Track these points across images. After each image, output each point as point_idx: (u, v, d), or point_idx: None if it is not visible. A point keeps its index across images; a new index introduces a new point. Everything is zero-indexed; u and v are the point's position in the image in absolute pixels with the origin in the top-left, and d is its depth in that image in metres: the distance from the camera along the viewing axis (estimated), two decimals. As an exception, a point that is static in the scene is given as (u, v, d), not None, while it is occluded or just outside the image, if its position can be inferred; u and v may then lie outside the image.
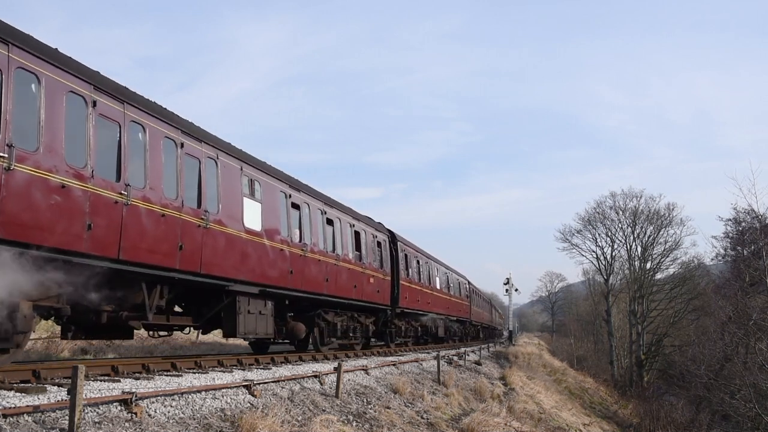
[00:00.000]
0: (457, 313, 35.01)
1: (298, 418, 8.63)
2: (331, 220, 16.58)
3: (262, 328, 12.94)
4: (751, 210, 34.37)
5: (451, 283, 34.34)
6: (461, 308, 36.92)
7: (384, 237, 21.50)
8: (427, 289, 26.88)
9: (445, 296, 31.40)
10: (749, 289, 32.74)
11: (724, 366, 30.71)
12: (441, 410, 12.76)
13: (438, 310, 29.14)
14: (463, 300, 38.00)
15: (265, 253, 12.78)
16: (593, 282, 70.59)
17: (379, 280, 20.13)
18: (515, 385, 21.30)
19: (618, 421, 33.28)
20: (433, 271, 28.95)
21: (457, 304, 35.13)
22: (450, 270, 34.60)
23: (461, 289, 38.03)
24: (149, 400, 7.12)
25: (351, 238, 18.00)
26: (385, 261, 20.97)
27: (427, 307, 26.51)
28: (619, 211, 57.09)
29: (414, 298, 24.19)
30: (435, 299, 28.30)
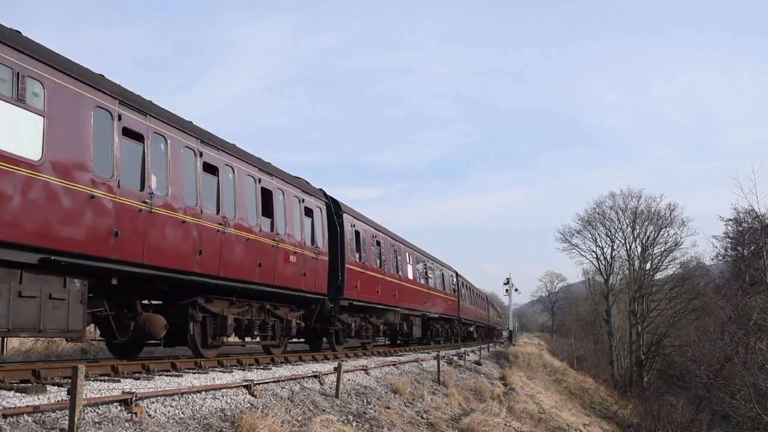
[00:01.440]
0: (440, 309, 30.07)
1: (298, 418, 8.63)
2: (214, 166, 11.67)
3: (53, 322, 8.22)
4: (751, 210, 34.43)
5: (432, 275, 29.58)
6: (446, 304, 31.96)
7: (320, 205, 16.51)
8: (392, 278, 21.79)
9: (421, 289, 26.59)
10: (749, 289, 32.76)
11: (724, 366, 30.72)
12: (441, 410, 12.77)
13: (412, 305, 24.29)
14: (449, 295, 33.07)
15: (51, 197, 8.08)
16: (593, 282, 70.65)
17: (308, 261, 15.11)
18: (515, 385, 21.31)
19: (618, 421, 33.31)
20: (404, 258, 24.21)
21: (439, 299, 30.23)
22: (430, 259, 29.86)
23: (446, 282, 32.91)
24: (149, 400, 7.12)
25: (254, 197, 13.01)
26: (319, 236, 16.01)
27: (393, 300, 21.66)
28: (619, 211, 57.23)
29: (370, 287, 19.36)
30: (406, 292, 23.62)
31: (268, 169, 13.84)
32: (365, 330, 19.78)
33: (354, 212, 19.03)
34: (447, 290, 32.64)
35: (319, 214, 16.34)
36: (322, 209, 16.64)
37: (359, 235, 18.96)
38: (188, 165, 11.02)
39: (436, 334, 30.69)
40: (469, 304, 40.85)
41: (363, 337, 19.76)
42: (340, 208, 17.75)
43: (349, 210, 18.51)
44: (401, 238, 24.60)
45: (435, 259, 31.34)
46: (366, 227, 19.85)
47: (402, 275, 23.38)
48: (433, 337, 30.09)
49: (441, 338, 32.27)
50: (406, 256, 24.73)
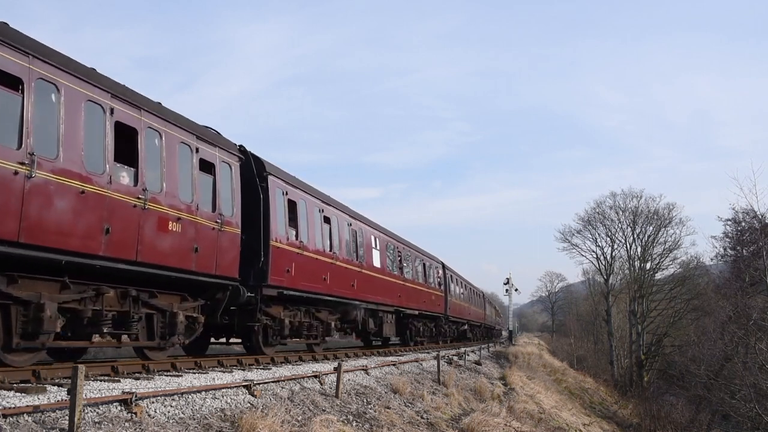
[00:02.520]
0: (421, 305, 26.03)
1: (298, 418, 8.63)
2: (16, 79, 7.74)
3: None
4: (750, 210, 34.43)
5: (409, 265, 25.40)
6: (430, 300, 27.90)
7: (229, 160, 12.30)
8: (347, 264, 17.76)
9: (393, 280, 22.44)
10: (749, 289, 32.77)
11: (724, 366, 30.72)
12: (441, 410, 12.77)
13: (380, 298, 20.39)
14: (434, 289, 29.03)
15: None
16: (593, 282, 70.63)
17: (204, 232, 11.12)
18: (515, 385, 21.30)
19: (618, 421, 33.30)
20: (368, 242, 20.01)
21: (420, 293, 26.22)
22: (407, 246, 25.69)
23: (429, 274, 28.77)
24: (149, 400, 7.12)
25: (103, 135, 9.12)
26: (226, 201, 11.99)
27: (350, 292, 17.85)
28: (618, 211, 57.22)
29: (313, 274, 15.45)
30: (370, 282, 19.61)
31: (132, 99, 9.76)
32: (309, 328, 15.84)
33: (289, 178, 15.05)
34: (431, 283, 28.72)
35: (228, 174, 12.23)
36: (233, 167, 12.43)
37: (296, 207, 14.94)
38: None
39: (417, 333, 26.51)
40: (460, 301, 36.72)
41: (307, 336, 15.92)
42: (265, 169, 13.60)
43: (279, 173, 14.44)
44: (365, 218, 20.38)
45: (414, 247, 27.03)
46: (308, 198, 15.77)
47: (364, 262, 19.25)
48: (413, 338, 25.82)
49: (424, 338, 27.91)
50: (372, 240, 20.45)
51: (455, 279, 36.12)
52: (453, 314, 33.68)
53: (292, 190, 14.93)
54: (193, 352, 13.57)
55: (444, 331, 32.43)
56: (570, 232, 60.38)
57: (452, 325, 35.19)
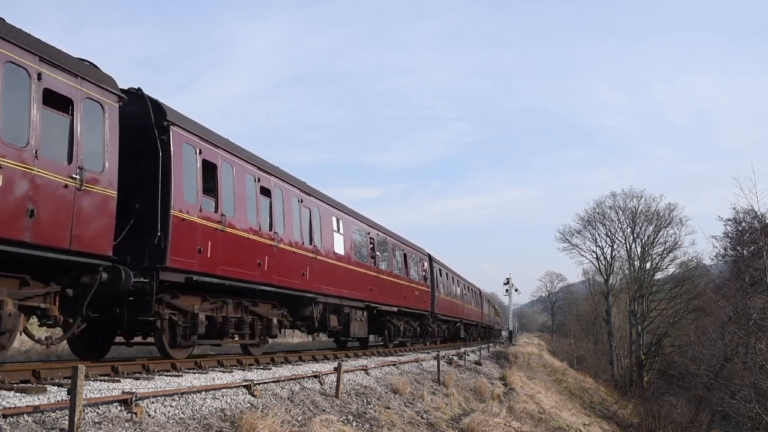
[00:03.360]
0: (401, 301, 22.86)
1: (298, 418, 8.63)
2: None
3: None
4: (751, 210, 34.42)
5: (384, 254, 22.02)
6: (413, 295, 24.83)
7: (102, 98, 9.16)
8: (296, 248, 14.59)
9: (362, 270, 19.24)
10: (749, 289, 32.75)
11: (724, 366, 30.73)
12: (441, 410, 12.77)
13: (344, 291, 17.57)
14: (418, 284, 25.92)
15: None
16: (593, 282, 70.63)
17: (46, 190, 8.05)
18: (515, 385, 21.29)
19: (618, 421, 33.30)
20: (326, 223, 16.87)
21: (400, 287, 23.09)
22: (382, 232, 22.22)
23: (411, 266, 25.39)
24: (149, 400, 7.12)
25: None
26: (93, 153, 8.96)
27: (300, 282, 14.70)
28: (618, 211, 57.25)
29: (242, 257, 12.30)
30: (330, 272, 16.59)
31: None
32: (240, 325, 12.64)
33: (207, 133, 11.78)
34: (413, 277, 25.44)
35: (99, 116, 9.05)
36: (108, 108, 9.21)
37: (215, 171, 11.73)
38: None
39: (397, 333, 23.19)
40: (450, 298, 33.44)
41: (240, 335, 12.88)
42: (166, 117, 10.57)
43: (189, 125, 11.22)
44: (324, 196, 17.19)
45: (392, 234, 23.52)
46: (236, 162, 12.40)
47: (321, 247, 16.00)
48: (392, 338, 22.77)
49: (407, 339, 24.79)
50: (333, 222, 17.27)
51: (445, 273, 32.60)
52: (442, 312, 30.42)
53: (209, 149, 11.59)
54: (86, 355, 10.95)
55: (432, 331, 29.14)
56: (570, 232, 60.45)
57: (442, 324, 31.98)
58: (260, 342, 13.90)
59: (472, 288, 44.31)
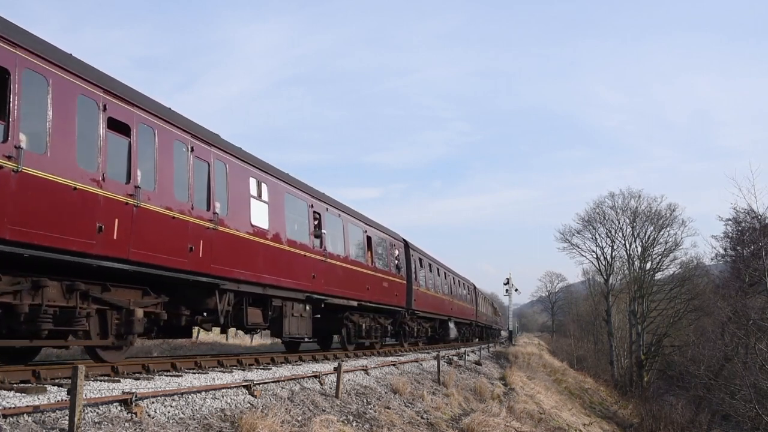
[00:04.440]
0: (363, 293, 18.77)
1: (298, 418, 8.63)
2: None
3: None
4: (750, 210, 34.44)
5: (338, 233, 17.69)
6: (381, 287, 20.51)
7: None
8: (183, 215, 10.69)
9: (303, 253, 15.09)
10: (749, 289, 32.79)
11: (724, 366, 30.77)
12: (441, 410, 12.77)
13: (269, 277, 13.42)
14: (387, 274, 21.48)
15: None
16: (593, 282, 70.64)
17: None
18: (515, 385, 21.30)
19: (618, 421, 33.31)
20: (237, 185, 12.55)
21: (361, 276, 18.84)
22: (334, 206, 17.83)
23: (378, 251, 21.13)
24: (149, 400, 7.12)
25: None
26: None
27: (188, 261, 10.74)
28: (618, 211, 57.22)
29: (69, 217, 8.29)
30: (245, 250, 12.56)
31: None
32: (70, 319, 8.77)
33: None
34: (381, 265, 20.91)
35: None
36: None
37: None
38: None
39: (359, 332, 19.13)
40: (434, 292, 28.81)
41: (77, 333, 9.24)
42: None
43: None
44: (235, 148, 12.82)
45: (349, 210, 19.16)
46: (51, 73, 8.18)
47: (227, 215, 11.85)
48: (354, 338, 18.89)
49: (375, 339, 20.73)
50: (248, 185, 12.98)
51: (427, 264, 27.86)
52: (422, 308, 25.80)
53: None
54: None
55: (410, 330, 24.98)
56: (570, 232, 60.41)
57: (424, 323, 27.85)
58: (119, 343, 10.00)
59: (464, 283, 39.84)
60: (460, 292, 37.38)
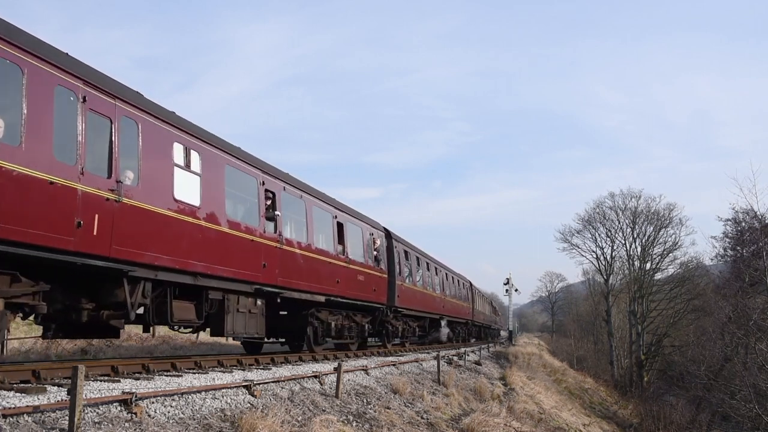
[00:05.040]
0: (332, 288, 16.33)
1: (298, 418, 8.63)
2: None
3: None
4: (750, 210, 34.45)
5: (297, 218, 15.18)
6: (355, 281, 18.04)
7: None
8: (75, 182, 8.38)
9: (248, 237, 12.57)
10: (749, 289, 32.77)
11: (724, 366, 30.77)
12: (441, 410, 12.77)
13: (202, 265, 11.08)
14: (364, 266, 18.80)
15: None
16: (593, 282, 70.67)
17: None
18: (515, 385, 21.30)
19: (618, 421, 33.32)
20: (161, 153, 10.43)
21: (328, 267, 16.30)
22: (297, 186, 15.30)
23: (352, 240, 18.18)
24: (149, 400, 7.12)
25: None
26: None
27: (77, 241, 8.41)
28: (618, 211, 57.28)
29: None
30: (167, 228, 10.30)
31: None
32: None
33: None
34: (355, 256, 18.27)
35: None
36: None
37: None
38: None
39: (327, 332, 16.83)
40: (423, 288, 26.30)
41: None
42: None
43: None
44: (151, 104, 10.38)
45: (313, 191, 16.23)
46: None
47: (138, 185, 9.69)
48: (322, 338, 16.65)
49: (351, 339, 18.45)
50: (171, 151, 10.63)
51: (414, 258, 25.39)
52: (407, 305, 23.03)
53: None
54: None
55: (394, 330, 22.45)
56: (570, 232, 60.49)
57: (412, 322, 25.32)
58: None
59: (459, 280, 37.41)
60: (455, 289, 35.02)
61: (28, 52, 7.97)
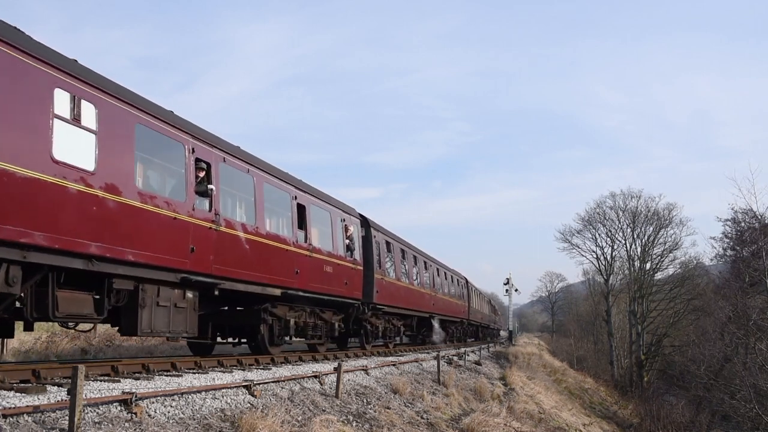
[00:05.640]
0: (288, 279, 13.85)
1: (298, 418, 8.63)
2: None
3: None
4: (749, 210, 34.49)
5: (240, 195, 12.74)
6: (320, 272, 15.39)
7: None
8: None
9: (174, 215, 10.32)
10: (749, 289, 32.80)
11: (724, 366, 30.78)
12: (441, 410, 12.77)
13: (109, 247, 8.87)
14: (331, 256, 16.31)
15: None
16: (593, 282, 70.71)
17: None
18: (515, 385, 21.30)
19: (618, 421, 33.32)
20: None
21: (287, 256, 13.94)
22: (240, 157, 12.61)
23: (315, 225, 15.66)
24: (149, 400, 7.12)
25: None
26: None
27: None
28: (618, 211, 57.32)
29: None
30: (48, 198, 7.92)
31: None
32: None
33: None
34: (321, 244, 15.61)
35: None
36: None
37: None
38: None
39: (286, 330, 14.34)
40: (408, 284, 23.59)
41: None
42: None
43: None
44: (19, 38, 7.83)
45: (261, 164, 13.48)
46: None
47: None
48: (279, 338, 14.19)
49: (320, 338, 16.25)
50: (56, 102, 8.27)
51: (398, 249, 22.79)
52: (388, 302, 20.38)
53: None
54: None
55: (373, 329, 20.09)
56: (570, 232, 60.54)
57: (396, 321, 22.84)
58: None
59: (453, 276, 34.78)
60: (448, 286, 32.50)
61: None
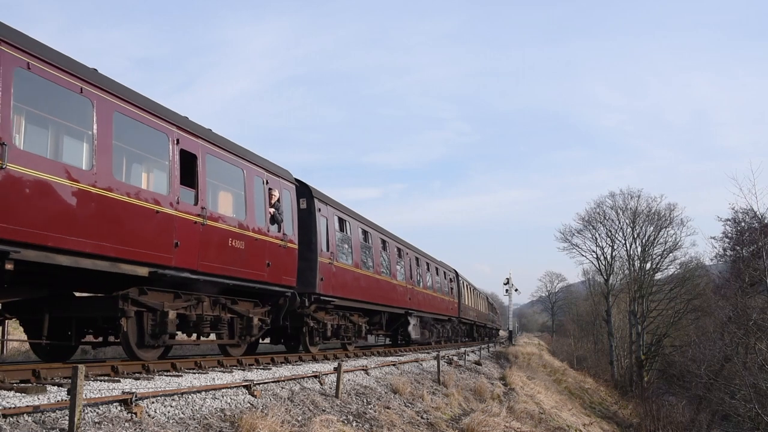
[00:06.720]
0: (177, 258, 10.10)
1: (298, 418, 8.64)
2: None
3: None
4: (750, 210, 34.49)
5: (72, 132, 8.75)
6: (227, 249, 11.53)
7: None
8: None
9: None
10: (749, 289, 32.81)
11: (724, 366, 30.76)
12: (441, 410, 12.77)
13: None
14: (243, 228, 12.06)
15: None
16: (593, 282, 70.72)
17: None
18: (515, 385, 21.30)
19: (618, 421, 33.33)
20: None
21: (177, 224, 10.19)
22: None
23: (213, 184, 11.54)
24: (149, 400, 7.12)
25: None
26: None
27: None
28: (618, 211, 57.30)
29: None
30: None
31: None
32: None
33: None
34: (222, 209, 11.89)
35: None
36: None
37: None
38: None
39: (163, 325, 10.26)
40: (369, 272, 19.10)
41: None
42: None
43: None
44: None
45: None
46: None
47: None
48: (149, 339, 10.27)
49: (231, 337, 12.90)
50: None
51: (357, 229, 18.57)
52: (339, 293, 16.38)
53: None
54: None
55: (319, 327, 15.97)
56: (570, 232, 60.54)
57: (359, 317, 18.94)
58: None
59: (439, 268, 30.33)
60: (431, 278, 28.10)
61: None
